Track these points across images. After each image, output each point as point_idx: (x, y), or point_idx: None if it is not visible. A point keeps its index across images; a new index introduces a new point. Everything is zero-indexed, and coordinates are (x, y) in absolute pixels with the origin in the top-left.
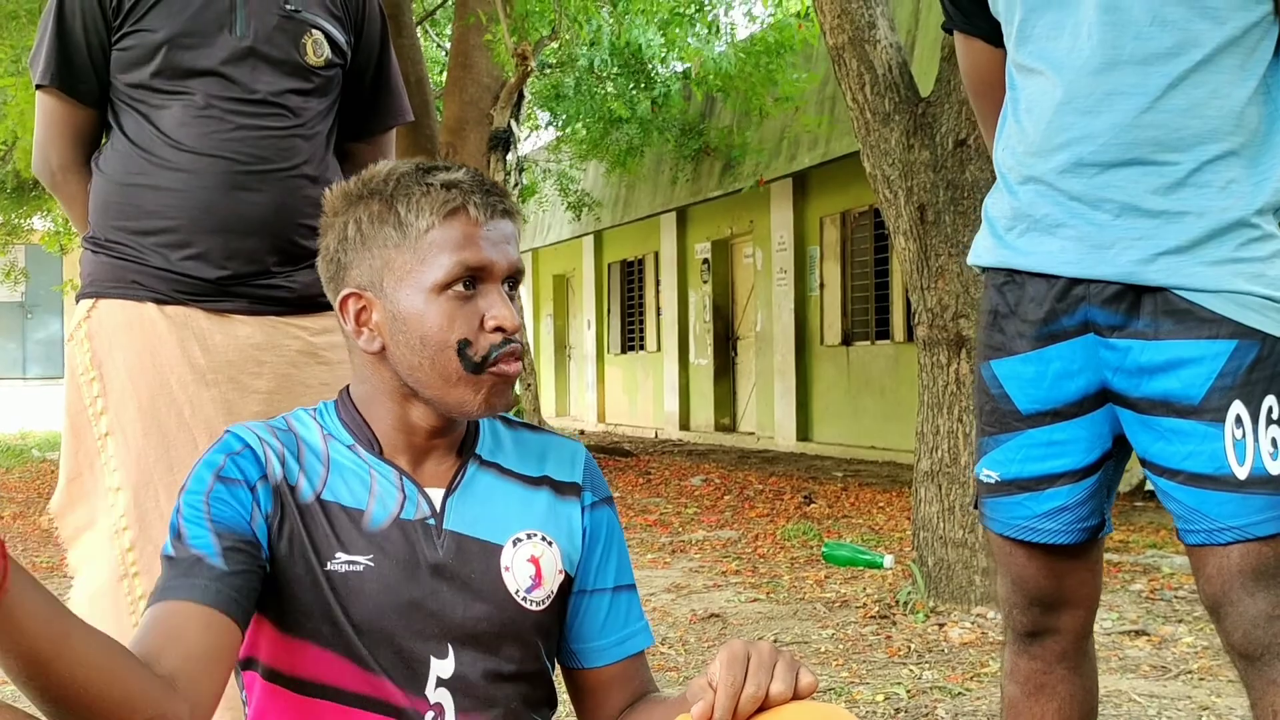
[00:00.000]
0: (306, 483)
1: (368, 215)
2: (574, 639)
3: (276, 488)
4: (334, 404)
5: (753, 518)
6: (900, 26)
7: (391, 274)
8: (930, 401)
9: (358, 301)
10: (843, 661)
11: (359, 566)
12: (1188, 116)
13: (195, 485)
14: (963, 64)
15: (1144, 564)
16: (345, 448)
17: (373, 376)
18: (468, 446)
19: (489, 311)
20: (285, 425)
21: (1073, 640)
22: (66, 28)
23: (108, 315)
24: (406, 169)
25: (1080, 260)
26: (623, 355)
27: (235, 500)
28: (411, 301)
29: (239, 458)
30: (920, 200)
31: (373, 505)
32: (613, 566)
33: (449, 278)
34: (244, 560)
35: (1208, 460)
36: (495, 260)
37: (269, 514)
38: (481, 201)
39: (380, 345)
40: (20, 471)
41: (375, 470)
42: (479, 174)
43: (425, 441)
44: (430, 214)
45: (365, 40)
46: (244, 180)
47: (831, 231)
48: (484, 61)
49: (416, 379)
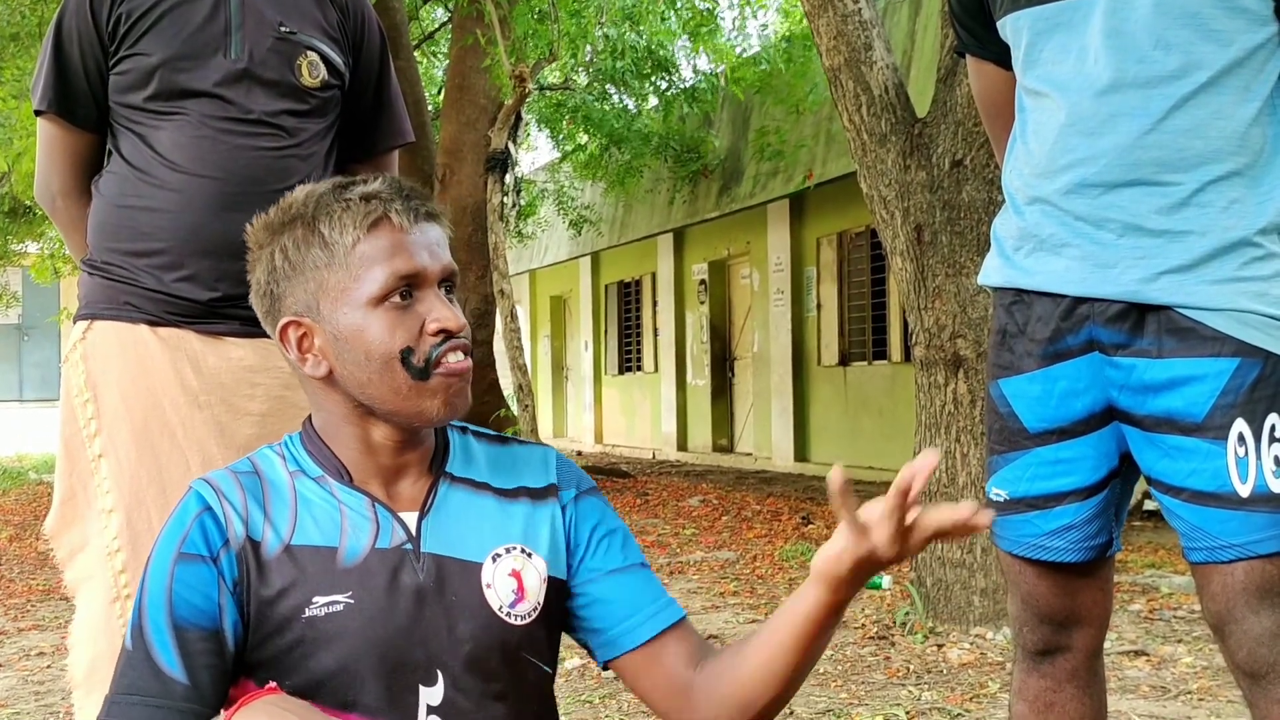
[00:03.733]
0: (273, 533)
1: (292, 241)
2: (603, 627)
3: (240, 552)
4: (299, 436)
5: (751, 538)
6: (896, 48)
7: (326, 295)
8: (928, 421)
9: (297, 329)
10: (841, 683)
11: (339, 606)
12: (1190, 137)
13: (159, 559)
14: (975, 87)
15: (1143, 584)
16: (313, 481)
17: (326, 402)
18: (438, 463)
19: (429, 315)
20: (250, 468)
21: (1083, 659)
22: (64, 54)
23: (102, 337)
24: (323, 189)
25: (1085, 279)
26: (620, 376)
27: (198, 582)
28: (350, 319)
29: (200, 524)
30: (917, 221)
31: (345, 540)
32: (616, 548)
33: (384, 289)
34: (206, 660)
35: (1211, 478)
36: (427, 265)
37: (235, 581)
38: (403, 208)
39: (327, 369)
40: (17, 494)
41: (345, 502)
42: (397, 181)
43: (392, 461)
44: (354, 228)
45: (364, 61)
46: (236, 201)
47: (828, 252)
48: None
49: (369, 395)
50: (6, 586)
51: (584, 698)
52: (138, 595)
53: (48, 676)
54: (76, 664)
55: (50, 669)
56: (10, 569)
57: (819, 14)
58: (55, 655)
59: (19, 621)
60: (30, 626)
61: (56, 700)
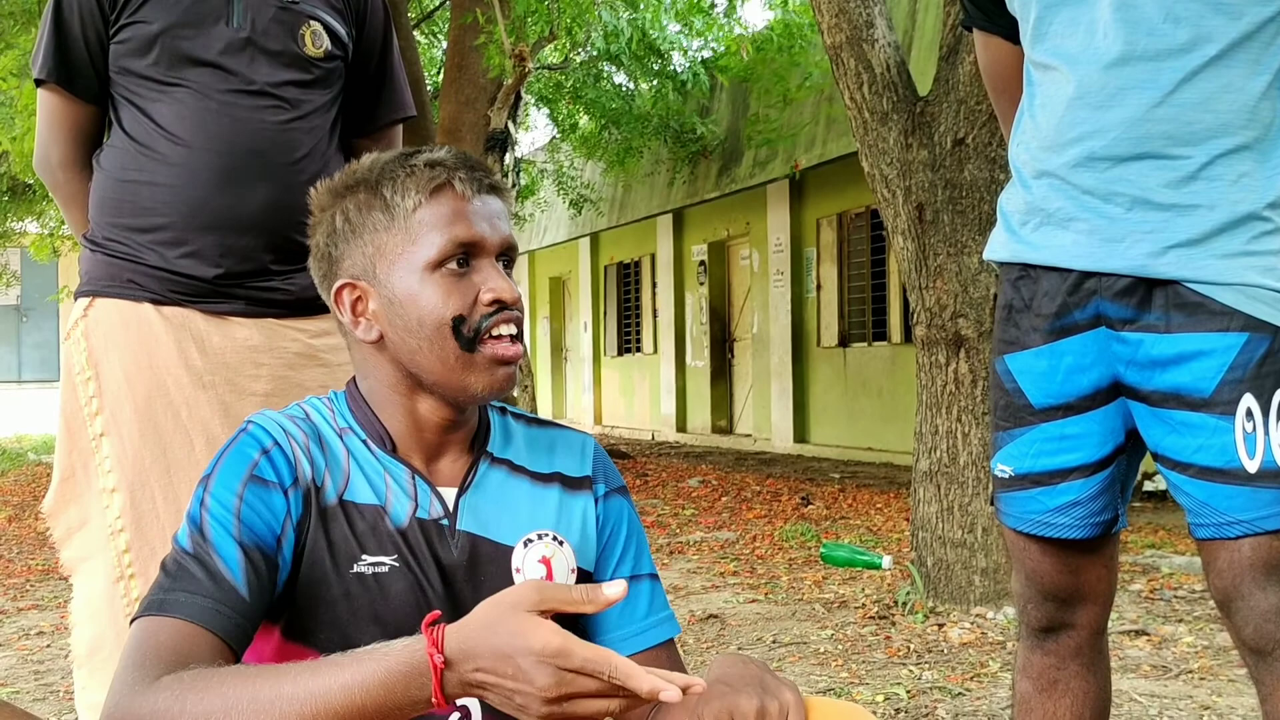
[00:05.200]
0: (330, 482)
1: (354, 205)
2: (593, 631)
3: (306, 492)
4: (344, 396)
5: (750, 519)
6: (898, 26)
7: (384, 258)
8: (929, 401)
9: (352, 291)
10: (842, 662)
11: (384, 567)
12: (1200, 111)
13: (226, 480)
14: (982, 61)
15: (1143, 564)
16: (360, 443)
17: (376, 369)
18: (479, 443)
19: (485, 285)
20: (303, 414)
21: (1087, 636)
22: (64, 23)
23: (105, 314)
24: (389, 156)
25: (1092, 253)
26: (619, 357)
27: (267, 508)
28: (406, 283)
29: (272, 456)
30: (919, 199)
31: (390, 502)
32: (630, 555)
33: (441, 254)
34: (261, 586)
35: (1218, 453)
36: (486, 235)
37: (298, 520)
38: (467, 177)
39: (378, 334)
40: (15, 475)
41: (388, 469)
42: (463, 153)
43: (437, 438)
44: (416, 193)
45: (368, 32)
46: (240, 175)
47: (828, 233)
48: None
49: (417, 364)
50: (6, 566)
51: None
52: (193, 509)
53: (47, 656)
54: (79, 641)
55: (49, 648)
56: (9, 549)
57: None
58: (54, 635)
59: (18, 601)
60: (29, 606)
61: (56, 679)
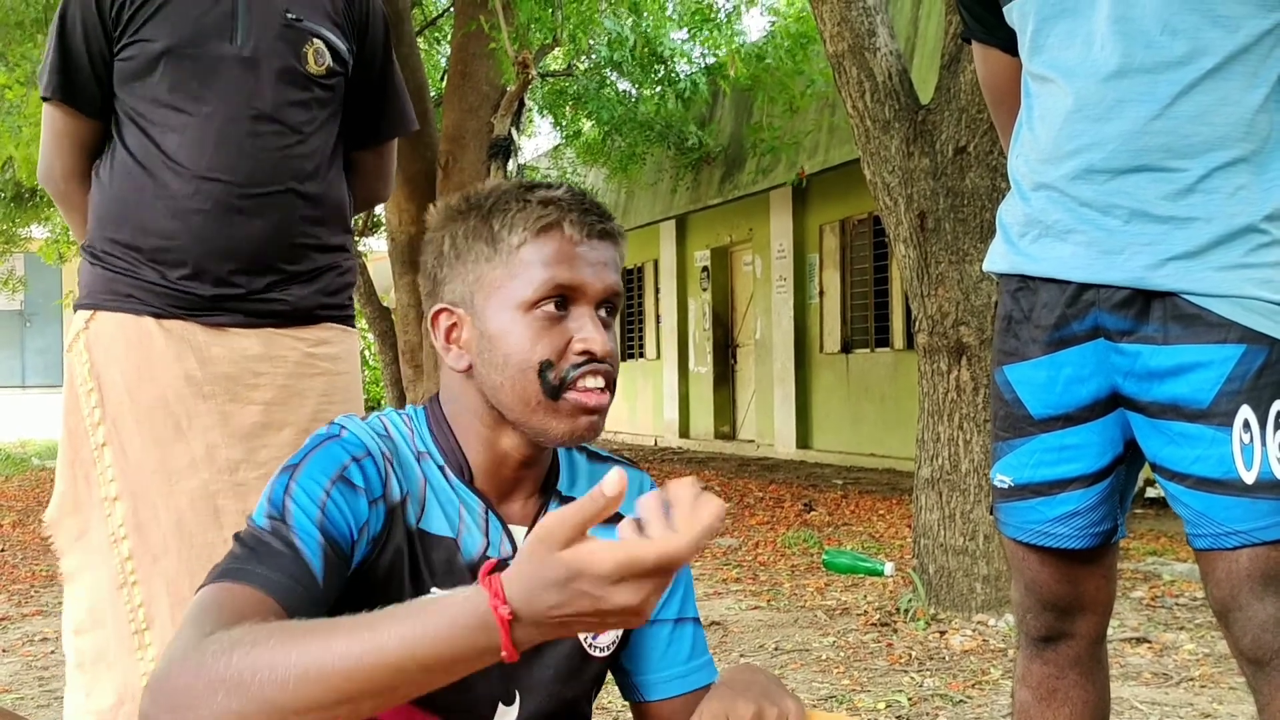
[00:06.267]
0: (412, 506)
1: (464, 231)
2: (635, 670)
3: (391, 509)
4: (425, 414)
5: (753, 525)
6: (899, 34)
7: (482, 290)
8: (931, 409)
9: (449, 317)
10: (844, 669)
11: None
12: (1197, 123)
13: (314, 473)
14: (980, 73)
15: (1145, 571)
16: (437, 469)
17: (461, 396)
18: (550, 482)
19: (578, 334)
20: (383, 429)
21: (1086, 645)
22: (69, 40)
23: (106, 328)
24: (508, 187)
25: (1090, 265)
26: (623, 363)
27: (351, 510)
28: (500, 319)
29: (364, 465)
30: (920, 207)
31: (463, 536)
32: (676, 598)
33: (538, 295)
34: (333, 580)
35: (1215, 464)
36: (588, 280)
37: (376, 535)
38: (579, 219)
39: (468, 364)
40: (20, 480)
41: (464, 500)
42: (581, 193)
43: (514, 473)
44: (524, 229)
45: (369, 47)
46: (242, 204)
47: (831, 239)
48: (484, 70)
49: (499, 400)
50: (10, 572)
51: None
52: (275, 491)
53: (51, 662)
54: (82, 649)
55: (54, 654)
56: (14, 554)
57: (823, 0)
58: (59, 641)
59: (22, 607)
60: (34, 612)
61: (60, 685)
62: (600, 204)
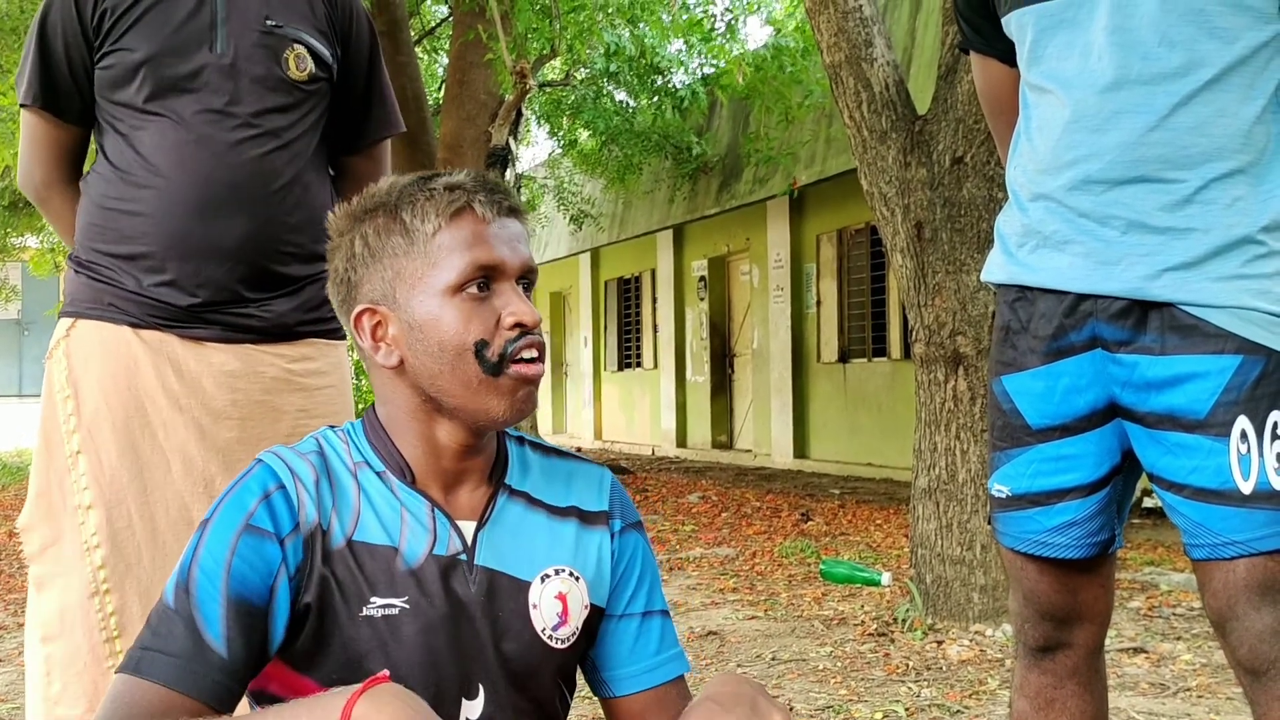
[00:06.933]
0: (338, 524)
1: (373, 229)
2: (603, 666)
3: (309, 538)
4: (361, 425)
5: (750, 535)
6: (896, 45)
7: (403, 283)
8: (928, 419)
9: (372, 317)
10: (841, 679)
11: (395, 610)
12: (1195, 135)
13: (220, 531)
14: (978, 83)
15: (1142, 581)
16: (375, 475)
17: (395, 395)
18: (498, 474)
19: (506, 309)
20: (316, 447)
21: (1084, 655)
22: (48, 47)
23: (86, 336)
24: (407, 180)
25: (1088, 276)
26: (620, 372)
27: (260, 558)
28: (426, 307)
29: (272, 501)
30: (917, 218)
31: (404, 542)
32: (643, 592)
33: (462, 278)
34: (248, 641)
35: (1213, 475)
36: (506, 258)
37: (297, 567)
38: (486, 200)
39: (398, 359)
40: (17, 489)
41: (405, 503)
42: (482, 175)
43: (455, 465)
44: (436, 216)
45: (354, 51)
46: (218, 208)
47: (828, 249)
48: (481, 79)
49: (438, 388)
50: (6, 582)
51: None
52: (186, 556)
53: None
54: (51, 656)
55: None
56: (10, 564)
57: (820, 10)
58: None
59: (19, 617)
60: None
61: None
62: (502, 183)
